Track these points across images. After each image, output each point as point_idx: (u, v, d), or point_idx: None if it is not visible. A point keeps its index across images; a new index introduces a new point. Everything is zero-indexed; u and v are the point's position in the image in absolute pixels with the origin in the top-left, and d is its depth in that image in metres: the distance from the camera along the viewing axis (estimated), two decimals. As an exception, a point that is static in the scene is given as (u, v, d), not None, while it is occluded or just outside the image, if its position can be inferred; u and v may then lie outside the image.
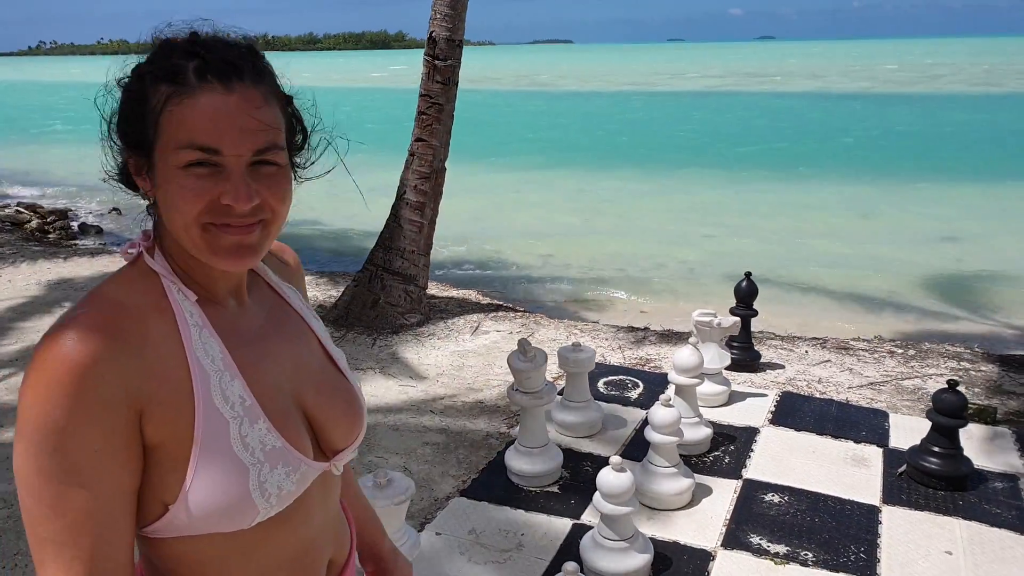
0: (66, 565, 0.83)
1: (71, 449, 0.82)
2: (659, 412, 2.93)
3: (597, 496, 2.51)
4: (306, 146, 1.03)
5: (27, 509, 0.83)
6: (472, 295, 6.17)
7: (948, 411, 3.08)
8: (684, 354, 3.32)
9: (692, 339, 3.55)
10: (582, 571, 2.18)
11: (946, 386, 3.12)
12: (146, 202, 0.97)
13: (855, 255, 8.64)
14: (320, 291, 5.94)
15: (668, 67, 69.98)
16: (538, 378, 3.12)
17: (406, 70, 65.77)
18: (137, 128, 0.90)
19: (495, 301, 6.05)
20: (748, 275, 4.32)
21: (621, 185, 13.34)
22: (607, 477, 2.47)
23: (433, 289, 5.87)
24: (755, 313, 4.34)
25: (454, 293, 6.17)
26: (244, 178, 0.89)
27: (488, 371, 4.43)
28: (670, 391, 3.42)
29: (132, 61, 0.94)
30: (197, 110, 0.87)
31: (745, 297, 4.28)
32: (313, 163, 1.05)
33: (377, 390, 4.16)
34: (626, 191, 12.86)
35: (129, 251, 0.97)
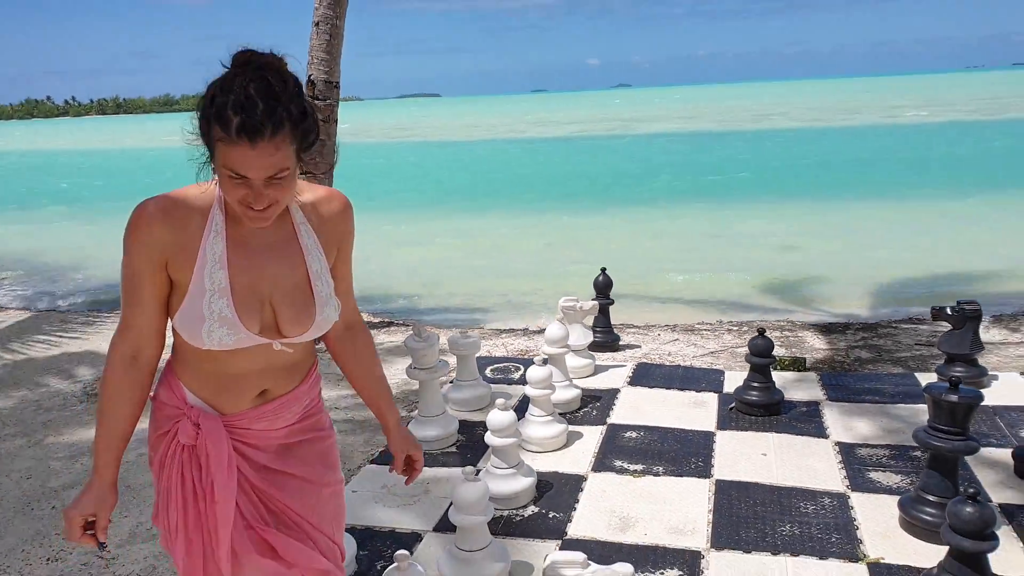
0: (126, 312, 1.59)
1: (130, 260, 1.54)
2: (534, 370, 3.57)
3: (488, 434, 3.10)
4: (317, 142, 1.54)
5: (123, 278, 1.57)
6: (364, 316, 6.65)
7: (759, 352, 3.88)
8: (553, 328, 4.01)
9: (559, 316, 4.22)
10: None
11: (757, 333, 3.93)
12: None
13: (705, 266, 9.72)
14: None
15: (536, 116, 72.66)
16: (432, 355, 3.70)
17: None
18: (205, 142, 1.46)
19: (386, 319, 6.56)
20: (603, 270, 5.07)
21: (498, 223, 14.15)
22: (495, 415, 3.06)
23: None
24: (611, 301, 5.09)
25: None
26: (261, 189, 1.44)
27: (386, 373, 4.94)
28: (543, 356, 4.05)
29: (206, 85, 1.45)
30: (232, 154, 1.39)
31: (602, 288, 5.03)
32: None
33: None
34: (503, 227, 13.66)
35: (209, 181, 1.53)
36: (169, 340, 1.63)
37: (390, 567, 2.11)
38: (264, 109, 1.37)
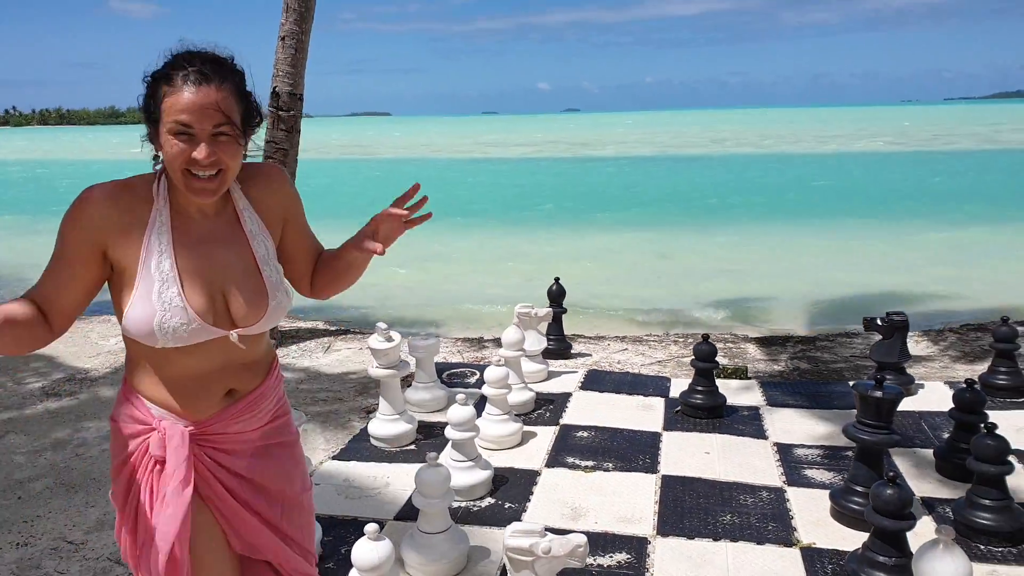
0: (41, 280, 1.53)
1: (63, 240, 1.51)
2: (491, 370, 3.73)
3: (448, 428, 3.24)
4: (260, 125, 1.67)
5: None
6: (320, 324, 6.73)
7: (703, 357, 4.11)
8: (509, 332, 4.18)
9: (515, 321, 4.40)
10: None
11: (701, 339, 4.16)
12: (158, 155, 1.57)
13: (652, 285, 10.02)
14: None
15: (490, 137, 73.12)
16: (394, 354, 3.83)
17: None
18: (150, 109, 1.53)
19: (343, 327, 6.65)
20: (557, 280, 5.27)
21: (451, 238, 14.30)
22: (455, 410, 3.21)
23: (282, 323, 6.38)
24: (564, 310, 5.29)
25: (302, 324, 6.70)
26: (207, 142, 1.47)
27: (343, 378, 5.05)
28: (499, 358, 4.21)
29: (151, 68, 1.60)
30: (181, 100, 1.46)
31: (556, 297, 5.23)
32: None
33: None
34: (455, 242, 13.82)
35: (155, 168, 1.59)
36: (118, 360, 1.67)
37: (360, 539, 2.23)
38: (211, 65, 1.51)
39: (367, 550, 2.21)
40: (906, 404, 4.23)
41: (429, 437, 3.95)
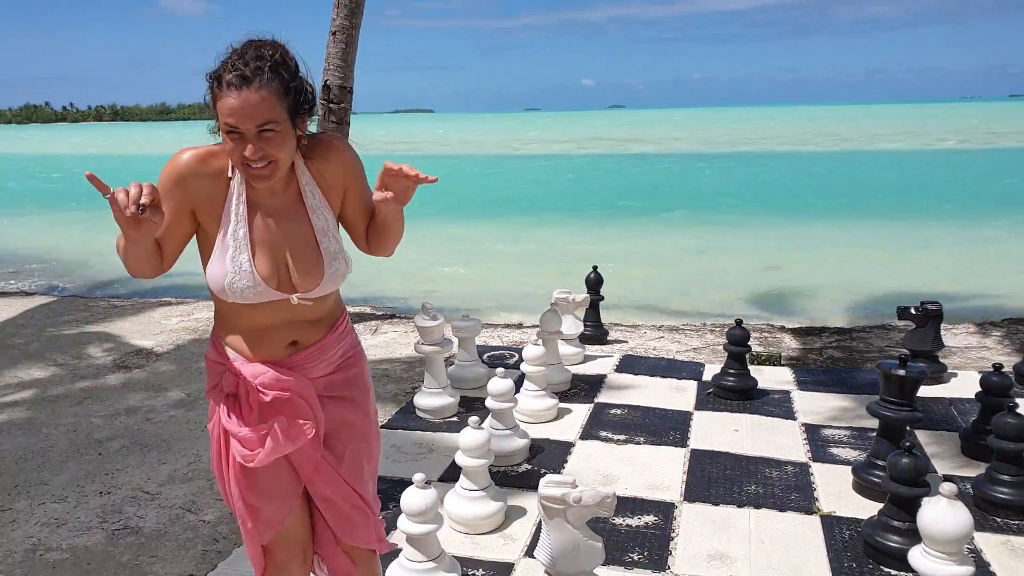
0: None
1: (162, 192, 1.63)
2: (530, 348, 3.94)
3: (488, 399, 3.46)
4: (313, 111, 1.79)
5: None
6: (367, 309, 7.02)
7: (736, 341, 4.27)
8: (547, 316, 4.38)
9: (552, 304, 4.60)
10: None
11: (735, 324, 4.31)
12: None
13: (693, 278, 10.13)
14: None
15: (531, 134, 73.27)
16: (439, 332, 4.06)
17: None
18: (213, 109, 1.70)
19: (388, 312, 6.93)
20: (595, 268, 5.46)
21: (493, 234, 14.55)
22: (495, 382, 3.41)
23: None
24: (601, 297, 5.47)
25: (351, 309, 6.99)
26: (253, 140, 1.61)
27: (391, 356, 5.31)
28: (538, 339, 4.41)
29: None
30: (225, 105, 1.60)
31: (593, 284, 5.41)
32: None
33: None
34: (496, 238, 14.06)
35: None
36: (180, 338, 1.89)
37: (408, 488, 2.46)
38: (253, 65, 1.60)
39: (415, 496, 2.44)
40: (937, 391, 4.34)
41: (470, 410, 4.18)
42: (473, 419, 2.94)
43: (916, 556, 2.15)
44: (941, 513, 2.08)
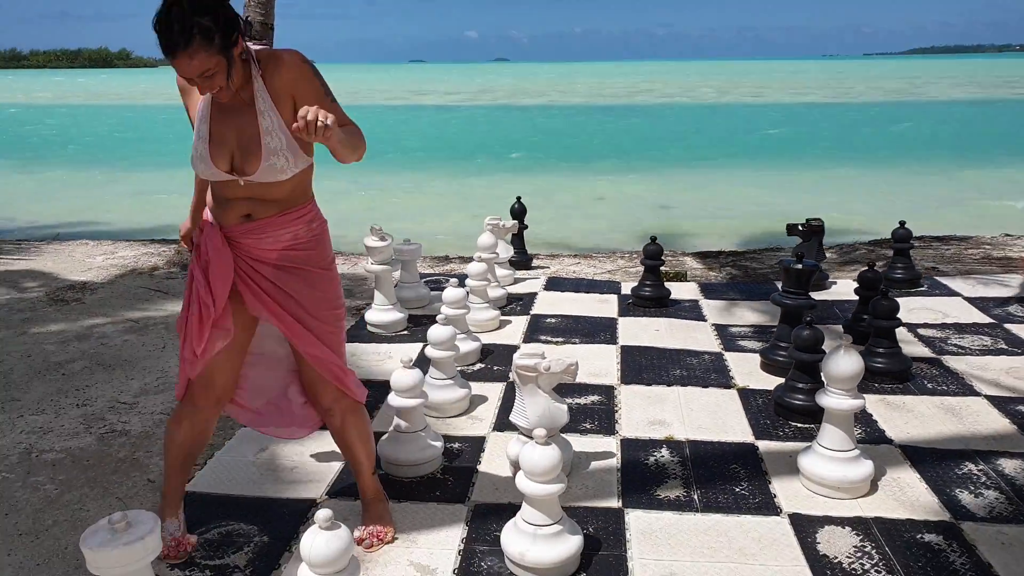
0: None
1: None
2: (473, 265, 4.30)
3: (443, 307, 3.81)
4: (249, 31, 2.24)
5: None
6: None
7: (651, 255, 4.78)
8: (484, 237, 4.75)
9: (486, 227, 4.96)
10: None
11: (650, 240, 4.81)
12: None
13: (595, 220, 10.70)
14: (151, 251, 6.61)
15: (419, 86, 72.23)
16: (387, 252, 4.35)
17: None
18: None
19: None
20: (519, 199, 5.84)
21: (396, 181, 14.65)
22: (449, 291, 3.77)
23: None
24: (526, 226, 5.87)
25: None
26: (198, 83, 2.01)
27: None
28: (479, 255, 4.75)
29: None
30: (169, 61, 1.97)
31: (518, 214, 5.80)
32: None
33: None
34: (401, 185, 14.19)
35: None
36: (108, 274, 2.23)
37: (396, 369, 2.80)
38: (176, 35, 1.91)
39: (403, 375, 2.78)
40: (821, 296, 5.00)
41: (419, 326, 4.51)
42: (440, 316, 3.29)
43: (821, 396, 2.68)
44: (841, 358, 2.61)
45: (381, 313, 4.40)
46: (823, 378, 2.69)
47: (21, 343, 4.27)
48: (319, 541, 1.77)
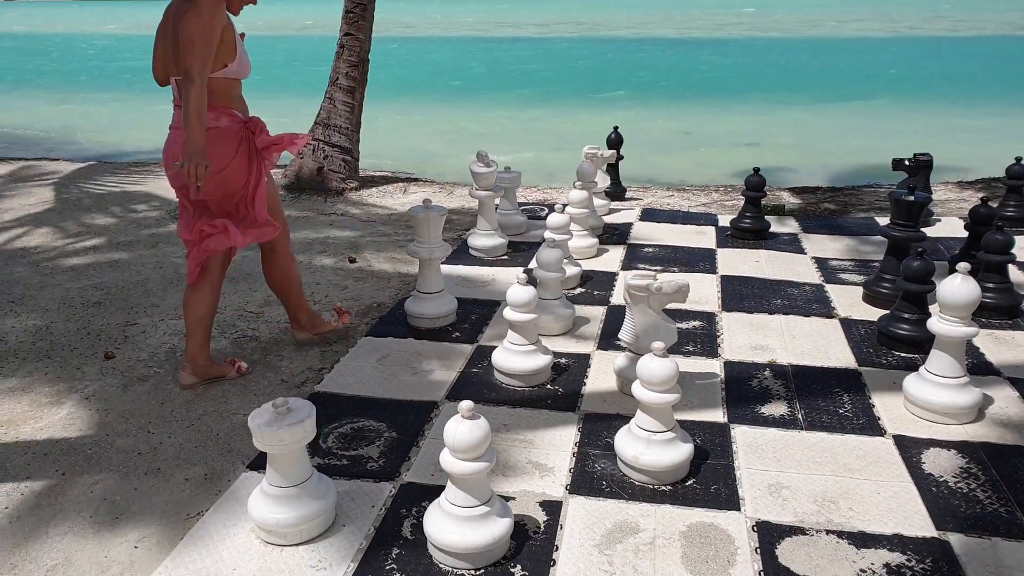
0: (205, 63, 2.74)
1: (212, 28, 2.75)
2: (574, 193, 4.39)
3: (547, 232, 3.92)
4: None
5: (197, 42, 2.70)
6: (388, 173, 7.35)
7: (753, 187, 4.76)
8: (583, 166, 4.81)
9: (584, 158, 5.02)
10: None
11: (752, 172, 4.79)
12: None
13: (683, 155, 10.56)
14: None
15: (434, 17, 71.17)
16: (491, 177, 4.47)
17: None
18: None
19: (415, 176, 7.28)
20: (616, 128, 5.85)
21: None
22: (553, 217, 3.88)
23: (362, 170, 7.00)
24: (622, 157, 5.90)
25: (380, 173, 7.33)
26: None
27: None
28: (579, 183, 4.83)
29: None
30: None
31: (614, 144, 5.82)
32: None
33: (324, 241, 5.34)
34: (490, 114, 14.23)
35: None
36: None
37: (512, 286, 2.94)
38: None
39: (519, 290, 2.93)
40: (927, 232, 4.89)
41: (517, 252, 4.65)
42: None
43: (934, 322, 2.70)
44: (957, 285, 2.61)
45: (484, 238, 4.55)
46: (935, 306, 2.71)
47: (152, 256, 4.60)
48: (462, 429, 1.94)
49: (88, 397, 2.99)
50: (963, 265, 2.65)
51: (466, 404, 1.95)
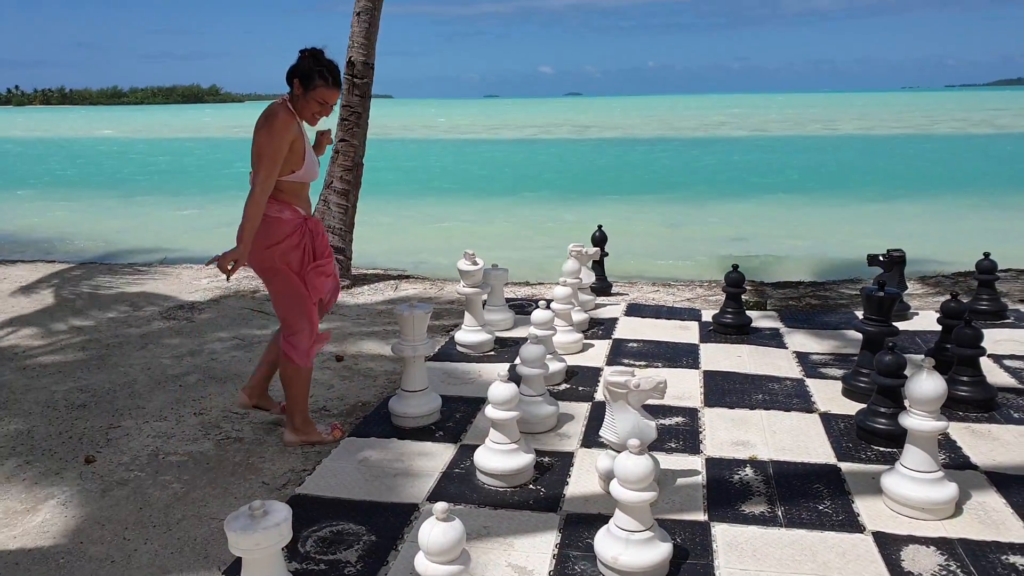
0: (268, 174, 3.11)
1: (276, 142, 3.11)
2: (559, 289, 4.49)
3: (532, 328, 3.99)
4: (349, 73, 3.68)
5: (264, 157, 3.09)
6: (380, 271, 7.48)
7: (733, 283, 4.87)
8: (569, 263, 4.93)
9: (571, 254, 5.14)
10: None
11: (732, 269, 4.91)
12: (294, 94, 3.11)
13: (671, 250, 10.78)
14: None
15: (493, 120, 73.44)
16: (478, 275, 4.58)
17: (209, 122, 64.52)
18: (303, 84, 3.15)
19: (404, 272, 7.41)
20: (600, 227, 6.02)
21: (470, 211, 15.03)
22: (538, 313, 3.96)
23: (354, 268, 7.14)
24: (607, 253, 6.04)
25: (372, 271, 7.46)
26: (325, 112, 3.29)
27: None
28: (563, 280, 4.93)
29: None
30: (327, 93, 3.20)
31: (599, 241, 5.97)
32: None
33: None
34: (476, 215, 14.55)
35: (285, 99, 3.09)
36: (214, 294, 2.48)
37: (493, 383, 2.99)
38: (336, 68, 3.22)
39: (501, 388, 2.97)
40: (903, 326, 4.99)
41: (504, 347, 4.71)
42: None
43: (904, 418, 2.74)
44: (923, 380, 2.67)
45: (471, 334, 4.62)
46: (906, 401, 2.76)
47: (141, 357, 4.65)
48: (436, 531, 1.96)
49: (65, 503, 2.98)
50: (928, 360, 2.72)
51: (441, 506, 1.97)
